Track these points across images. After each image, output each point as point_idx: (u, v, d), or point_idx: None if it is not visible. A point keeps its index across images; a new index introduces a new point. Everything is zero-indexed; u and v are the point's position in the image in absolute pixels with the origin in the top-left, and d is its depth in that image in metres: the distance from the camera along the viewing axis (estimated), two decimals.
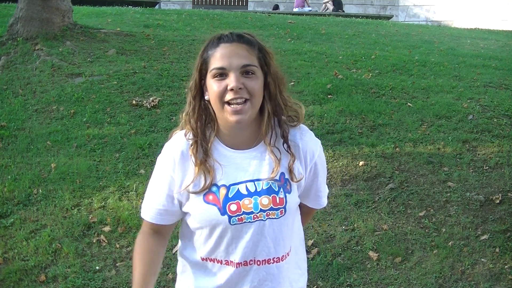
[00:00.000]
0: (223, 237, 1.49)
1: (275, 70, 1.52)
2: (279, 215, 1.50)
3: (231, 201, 1.47)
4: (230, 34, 1.49)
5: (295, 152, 1.52)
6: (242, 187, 1.48)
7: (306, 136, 1.56)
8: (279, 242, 1.53)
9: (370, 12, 18.50)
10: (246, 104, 1.43)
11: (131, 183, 4.08)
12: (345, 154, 4.48)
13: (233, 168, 1.49)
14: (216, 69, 1.44)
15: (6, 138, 4.79)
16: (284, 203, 1.50)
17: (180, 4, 18.07)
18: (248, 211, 1.47)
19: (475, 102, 5.64)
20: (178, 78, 5.98)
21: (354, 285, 3.27)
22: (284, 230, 1.54)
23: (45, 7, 6.87)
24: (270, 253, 1.52)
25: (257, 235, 1.49)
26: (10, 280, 3.22)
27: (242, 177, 1.49)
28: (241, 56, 1.45)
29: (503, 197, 3.96)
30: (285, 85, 1.54)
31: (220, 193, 1.47)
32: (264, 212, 1.48)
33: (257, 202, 1.48)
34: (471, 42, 10.00)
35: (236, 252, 1.51)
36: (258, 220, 1.48)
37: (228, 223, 1.47)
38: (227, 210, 1.47)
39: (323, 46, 8.14)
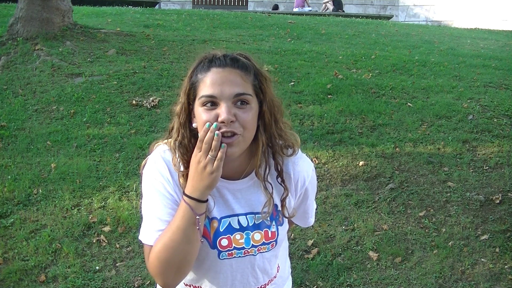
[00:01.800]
0: (211, 269, 1.44)
1: (271, 98, 1.36)
2: (270, 248, 1.45)
3: (222, 236, 1.38)
4: (223, 57, 1.32)
5: (288, 185, 1.43)
6: (234, 221, 1.40)
7: (298, 166, 1.45)
8: (268, 271, 1.50)
9: (370, 12, 18.50)
10: (238, 137, 1.29)
11: (131, 183, 4.08)
12: (345, 154, 4.48)
13: (224, 200, 1.40)
14: (205, 97, 1.28)
15: (6, 138, 4.79)
16: (276, 236, 1.44)
17: (180, 4, 18.07)
18: (239, 247, 1.40)
19: (475, 102, 5.64)
20: (178, 78, 5.98)
21: (354, 285, 3.27)
22: (273, 260, 1.51)
23: (45, 7, 6.87)
24: (258, 282, 1.50)
25: (246, 269, 1.45)
26: (10, 280, 3.22)
27: (233, 210, 1.40)
28: (234, 83, 1.28)
29: (503, 197, 3.96)
30: (282, 114, 1.40)
31: (211, 226, 1.38)
32: (255, 247, 1.42)
33: (249, 237, 1.40)
34: (471, 42, 10.01)
35: (224, 283, 1.46)
36: (248, 255, 1.43)
37: (217, 257, 1.40)
38: (218, 245, 1.39)
39: (323, 46, 8.14)
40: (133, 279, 3.24)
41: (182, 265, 1.30)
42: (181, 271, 1.31)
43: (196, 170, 1.26)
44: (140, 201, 3.89)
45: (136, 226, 3.66)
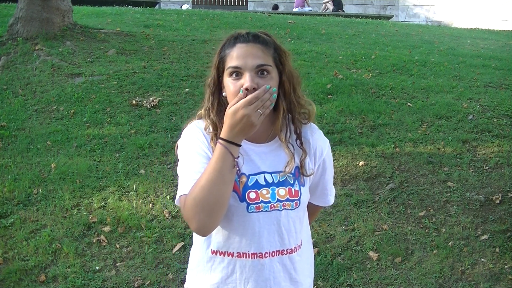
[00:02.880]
0: (239, 225, 1.52)
1: (290, 69, 1.55)
2: (294, 206, 1.55)
3: (250, 189, 1.51)
4: (247, 34, 1.52)
5: (306, 148, 1.59)
6: (260, 178, 1.53)
7: (316, 134, 1.63)
8: (292, 234, 1.57)
9: (370, 12, 18.50)
10: None
11: (131, 183, 4.08)
12: (345, 154, 4.48)
13: (251, 159, 1.54)
14: (232, 67, 1.48)
15: (6, 138, 4.79)
16: (299, 195, 1.55)
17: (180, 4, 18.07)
18: (266, 200, 1.52)
19: (475, 102, 5.64)
20: (178, 78, 5.98)
21: (354, 285, 3.27)
22: (297, 222, 1.58)
23: (45, 7, 6.87)
24: (284, 244, 1.56)
25: (272, 225, 1.53)
26: (10, 280, 3.22)
27: (260, 168, 1.54)
28: (256, 56, 1.47)
29: (503, 197, 3.96)
30: (299, 84, 1.58)
31: (240, 181, 1.51)
32: (281, 202, 1.53)
33: (275, 192, 1.53)
34: (471, 42, 10.01)
35: (251, 241, 1.53)
36: (274, 210, 1.53)
37: (246, 210, 1.50)
38: (246, 197, 1.50)
39: (323, 46, 8.14)
40: (133, 279, 3.24)
41: (216, 207, 1.39)
42: (214, 213, 1.40)
43: (239, 120, 1.38)
44: (140, 201, 3.90)
45: (136, 226, 3.66)
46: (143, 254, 3.45)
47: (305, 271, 1.65)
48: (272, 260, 1.55)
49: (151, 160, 4.41)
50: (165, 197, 3.94)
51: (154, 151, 4.53)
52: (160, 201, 3.90)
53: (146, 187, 4.04)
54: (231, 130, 1.40)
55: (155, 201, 3.90)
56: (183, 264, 3.37)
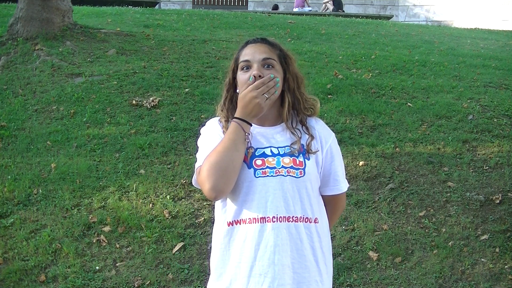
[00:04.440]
0: (248, 190, 1.67)
1: (294, 70, 1.80)
2: (299, 175, 1.70)
3: (257, 158, 1.71)
4: (256, 38, 1.84)
5: (312, 133, 1.77)
6: (267, 150, 1.73)
7: (320, 123, 1.83)
8: (297, 202, 1.69)
9: (370, 12, 18.49)
10: None
11: (131, 183, 4.08)
12: (345, 154, 4.48)
13: (259, 137, 1.75)
14: (243, 61, 1.76)
15: (6, 138, 4.79)
16: (303, 165, 1.71)
17: (180, 4, 18.07)
18: (271, 166, 1.69)
19: (475, 102, 5.64)
20: (178, 78, 5.98)
21: (354, 285, 3.27)
22: (303, 193, 1.70)
23: (45, 7, 6.87)
24: (289, 211, 1.67)
25: (277, 190, 1.67)
26: (10, 280, 3.22)
27: (267, 144, 1.74)
28: (263, 51, 1.76)
29: (503, 197, 3.96)
30: (303, 84, 1.82)
31: (248, 153, 1.70)
32: (285, 168, 1.69)
33: (279, 160, 1.70)
34: (471, 42, 10.01)
35: (259, 205, 1.66)
36: (279, 175, 1.68)
37: (253, 175, 1.68)
38: (253, 164, 1.69)
39: (323, 46, 8.14)
40: (133, 279, 3.24)
41: (229, 169, 1.61)
42: (227, 175, 1.61)
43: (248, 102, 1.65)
44: (140, 201, 3.90)
45: (136, 226, 3.66)
46: (143, 254, 3.45)
47: (318, 253, 1.71)
48: (280, 226, 1.66)
49: (151, 160, 4.41)
50: (165, 197, 3.94)
51: (154, 151, 4.53)
52: (160, 201, 3.90)
53: (146, 187, 4.04)
54: (242, 110, 1.67)
55: (155, 201, 3.91)
56: (183, 264, 3.37)
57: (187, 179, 4.11)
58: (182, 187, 4.05)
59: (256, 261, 1.65)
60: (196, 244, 3.54)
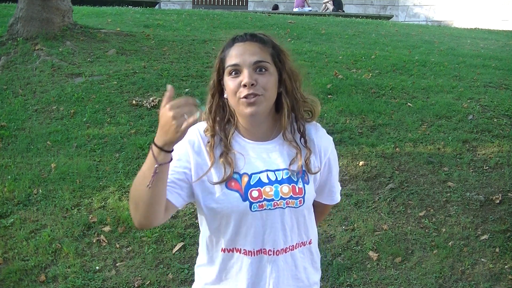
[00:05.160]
0: (243, 224, 1.52)
1: (290, 67, 1.57)
2: (298, 204, 1.54)
3: (253, 188, 1.51)
4: (244, 34, 1.56)
5: (310, 147, 1.58)
6: (263, 176, 1.53)
7: (319, 132, 1.64)
8: (295, 231, 1.58)
9: (370, 12, 18.50)
10: (260, 97, 1.48)
11: (131, 183, 4.07)
12: (345, 154, 4.48)
13: (253, 158, 1.54)
14: (230, 66, 1.51)
15: (6, 138, 4.79)
16: (303, 193, 1.54)
17: (180, 4, 18.07)
18: (269, 198, 1.51)
19: (475, 102, 5.64)
20: (178, 78, 5.98)
21: (354, 285, 3.27)
22: (301, 220, 1.59)
23: (45, 7, 6.87)
24: (287, 241, 1.56)
25: (276, 223, 1.53)
26: (10, 280, 3.22)
27: (262, 166, 1.54)
28: (254, 53, 1.50)
29: (503, 197, 3.96)
30: (301, 82, 1.60)
31: (242, 180, 1.51)
32: (284, 200, 1.52)
33: (278, 190, 1.52)
34: (471, 42, 10.01)
35: (255, 239, 1.54)
36: (278, 207, 1.52)
37: (249, 209, 1.50)
38: (249, 196, 1.50)
39: (323, 46, 8.14)
40: (133, 279, 3.24)
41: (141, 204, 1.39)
42: (141, 209, 1.40)
43: (165, 123, 1.30)
44: None
45: None
46: (143, 254, 3.45)
47: (308, 269, 1.65)
48: (277, 258, 1.56)
49: None
50: None
51: None
52: None
53: None
54: (159, 132, 1.33)
55: None
56: (183, 264, 3.37)
57: None
58: None
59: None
60: (196, 244, 3.53)
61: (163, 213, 1.44)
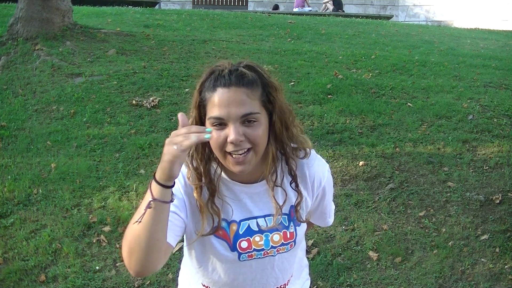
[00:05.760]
0: (230, 270, 1.47)
1: (280, 106, 1.35)
2: (289, 248, 1.48)
3: (242, 238, 1.42)
4: (228, 75, 1.28)
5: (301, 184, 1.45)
6: (252, 223, 1.43)
7: (313, 167, 1.47)
8: (287, 271, 1.54)
9: (370, 12, 18.49)
10: (249, 153, 1.31)
11: (131, 183, 4.08)
12: (345, 154, 4.48)
13: (242, 203, 1.43)
14: (213, 118, 1.28)
15: (6, 138, 4.79)
16: (294, 237, 1.47)
17: (180, 4, 18.07)
18: (259, 248, 1.44)
19: (475, 102, 5.64)
20: (178, 78, 5.98)
21: (354, 285, 3.27)
22: (292, 260, 1.55)
23: (45, 7, 6.87)
24: (278, 282, 1.53)
25: (265, 269, 1.49)
26: (10, 280, 3.22)
27: (252, 212, 1.43)
28: (240, 103, 1.27)
29: (503, 197, 3.96)
30: (293, 118, 1.40)
31: (231, 229, 1.42)
32: (275, 248, 1.46)
33: (268, 239, 1.44)
34: (471, 42, 10.00)
35: (243, 285, 1.50)
36: (268, 256, 1.46)
37: (238, 259, 1.44)
38: (237, 247, 1.42)
39: (323, 46, 8.14)
40: (133, 279, 3.24)
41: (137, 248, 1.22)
42: (137, 255, 1.23)
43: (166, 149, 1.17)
44: (140, 201, 3.89)
45: None
46: None
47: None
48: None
49: (151, 160, 4.41)
50: None
51: (154, 151, 4.53)
52: None
53: (146, 187, 4.03)
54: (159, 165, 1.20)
55: None
56: None
57: None
58: None
59: None
60: None
61: (162, 259, 1.28)
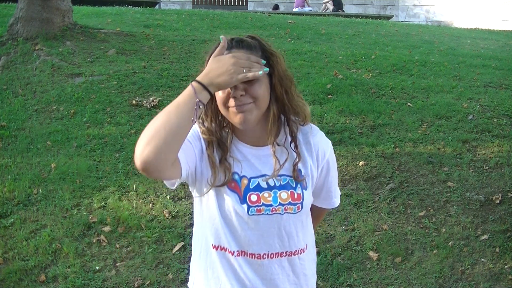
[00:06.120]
0: (239, 226, 1.52)
1: (280, 72, 1.49)
2: (297, 210, 1.54)
3: (252, 192, 1.51)
4: (230, 41, 1.49)
5: (306, 150, 1.56)
6: (262, 181, 1.52)
7: (317, 136, 1.60)
8: (293, 237, 1.56)
9: (370, 12, 18.49)
10: (250, 105, 1.45)
11: (131, 183, 4.08)
12: (345, 154, 4.48)
13: (252, 163, 1.54)
14: None
15: (6, 138, 4.79)
16: (301, 199, 1.54)
17: (180, 4, 18.07)
18: (267, 203, 1.51)
19: (475, 102, 5.64)
20: (178, 78, 5.98)
21: (354, 285, 3.27)
22: (299, 226, 1.57)
23: (45, 7, 6.87)
24: (283, 246, 1.56)
25: (272, 228, 1.53)
26: (10, 280, 3.22)
27: (261, 171, 1.53)
28: None
29: (503, 197, 3.96)
30: (293, 84, 1.53)
31: (242, 183, 1.51)
32: (282, 206, 1.52)
33: (276, 196, 1.52)
34: (471, 42, 10.00)
35: (250, 243, 1.53)
36: (276, 213, 1.52)
37: (246, 212, 1.50)
38: (247, 199, 1.50)
39: (323, 46, 8.14)
40: (133, 279, 3.24)
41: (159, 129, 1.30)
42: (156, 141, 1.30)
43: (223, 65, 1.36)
44: (140, 201, 3.90)
45: (136, 226, 3.66)
46: (143, 254, 3.45)
47: (306, 275, 1.64)
48: (271, 262, 1.55)
49: None
50: (165, 197, 3.94)
51: None
52: (160, 201, 3.90)
53: (146, 187, 4.04)
54: (206, 74, 1.36)
55: (155, 201, 3.91)
56: (183, 264, 3.37)
57: None
58: (182, 187, 4.04)
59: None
60: None
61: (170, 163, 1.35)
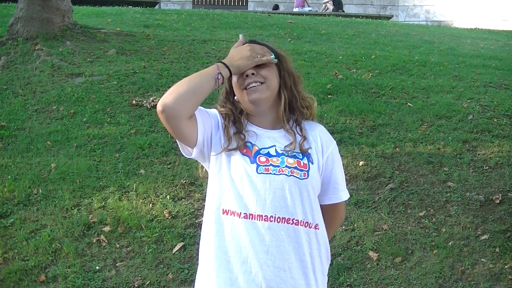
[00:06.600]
0: (247, 186, 1.62)
1: (289, 68, 1.78)
2: (303, 176, 1.64)
3: (261, 155, 1.67)
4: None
5: (312, 136, 1.74)
6: (271, 150, 1.68)
7: (323, 131, 1.80)
8: (298, 205, 1.63)
9: (370, 12, 18.49)
10: (262, 85, 1.69)
11: (131, 183, 4.08)
12: (345, 154, 4.48)
13: (264, 138, 1.71)
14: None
15: (6, 138, 4.79)
16: (307, 168, 1.66)
17: (180, 4, 18.07)
18: (275, 165, 1.64)
19: (475, 102, 5.64)
20: (178, 78, 5.92)
21: (354, 285, 3.27)
22: (305, 196, 1.64)
23: (45, 7, 6.87)
24: (289, 212, 1.61)
25: (278, 189, 1.61)
26: (10, 280, 3.22)
27: (271, 144, 1.70)
28: None
29: (503, 197, 3.96)
30: (300, 82, 1.80)
31: (253, 148, 1.68)
32: (289, 168, 1.64)
33: (284, 160, 1.66)
34: (471, 42, 10.00)
35: (258, 204, 1.60)
36: (282, 174, 1.63)
37: (255, 171, 1.62)
38: (257, 159, 1.65)
39: (323, 46, 8.14)
40: (133, 279, 3.24)
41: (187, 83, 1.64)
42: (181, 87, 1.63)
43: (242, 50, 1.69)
44: (140, 201, 3.90)
45: (136, 226, 3.66)
46: (143, 254, 3.45)
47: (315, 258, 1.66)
48: (277, 226, 1.60)
49: (151, 160, 4.41)
50: (165, 197, 3.94)
51: (154, 151, 4.53)
52: (160, 201, 3.90)
53: (146, 187, 4.04)
54: (228, 58, 1.69)
55: (155, 201, 3.91)
56: (183, 264, 3.37)
57: (187, 179, 4.11)
58: (182, 187, 4.05)
59: (248, 259, 1.59)
60: (196, 244, 3.54)
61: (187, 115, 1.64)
